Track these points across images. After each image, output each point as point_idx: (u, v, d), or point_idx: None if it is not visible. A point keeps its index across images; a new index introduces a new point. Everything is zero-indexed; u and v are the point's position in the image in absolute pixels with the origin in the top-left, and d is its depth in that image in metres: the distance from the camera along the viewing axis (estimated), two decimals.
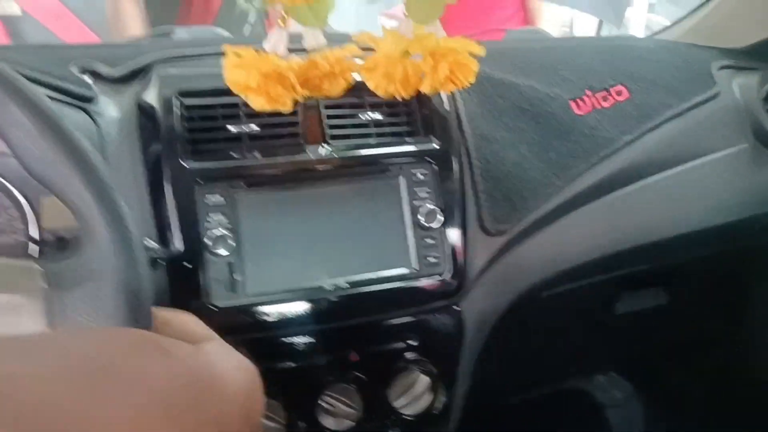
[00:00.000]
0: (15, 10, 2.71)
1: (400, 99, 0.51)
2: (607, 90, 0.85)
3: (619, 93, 0.86)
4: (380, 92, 0.50)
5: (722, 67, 0.96)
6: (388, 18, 2.71)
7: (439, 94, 0.71)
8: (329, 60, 0.48)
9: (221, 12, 1.69)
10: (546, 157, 0.79)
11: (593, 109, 0.83)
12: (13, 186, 0.67)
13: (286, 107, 0.49)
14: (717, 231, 0.88)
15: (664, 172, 0.85)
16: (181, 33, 1.00)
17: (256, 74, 0.46)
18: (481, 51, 0.50)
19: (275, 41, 0.49)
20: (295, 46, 0.53)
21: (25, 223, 0.69)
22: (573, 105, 0.82)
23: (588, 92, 0.84)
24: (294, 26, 0.48)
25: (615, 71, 0.87)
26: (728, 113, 0.92)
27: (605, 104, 0.84)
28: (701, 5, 1.07)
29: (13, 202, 0.68)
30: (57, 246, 0.69)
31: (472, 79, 0.51)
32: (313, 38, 0.50)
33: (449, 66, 0.48)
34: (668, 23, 1.14)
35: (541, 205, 0.77)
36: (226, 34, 0.98)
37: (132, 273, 0.44)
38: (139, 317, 0.44)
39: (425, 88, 0.50)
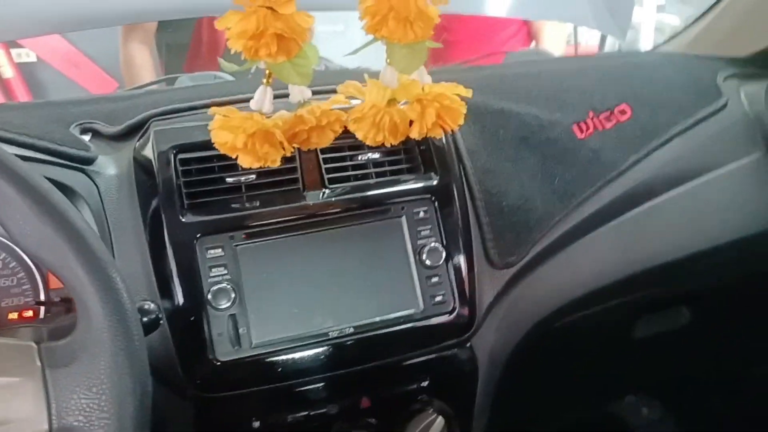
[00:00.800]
0: (31, 57, 2.78)
1: (389, 146, 0.50)
2: (610, 110, 0.84)
3: (622, 112, 0.84)
4: (369, 142, 0.50)
5: (728, 77, 0.94)
6: None
7: None
8: (315, 114, 0.48)
9: (227, 51, 1.73)
10: (550, 186, 0.77)
11: (595, 131, 0.82)
12: (23, 252, 0.68)
13: (275, 164, 0.49)
14: (732, 246, 0.86)
15: (674, 190, 0.84)
16: (184, 80, 1.01)
17: (243, 135, 0.46)
18: (467, 93, 0.50)
19: (260, 99, 0.49)
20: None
21: (34, 285, 0.70)
22: (575, 129, 0.81)
23: (591, 114, 0.83)
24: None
25: (618, 91, 0.86)
26: (737, 124, 0.90)
27: (608, 125, 0.83)
28: (705, 13, 1.05)
29: (22, 266, 0.69)
30: (62, 306, 0.70)
31: (461, 122, 0.50)
32: (298, 93, 0.50)
33: (436, 111, 0.48)
34: (679, 22, 1.13)
35: (547, 235, 0.75)
36: (228, 77, 0.99)
37: (127, 347, 0.44)
38: (136, 388, 0.44)
39: (414, 134, 0.50)
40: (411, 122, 0.50)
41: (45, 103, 0.80)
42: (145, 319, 0.52)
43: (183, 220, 0.63)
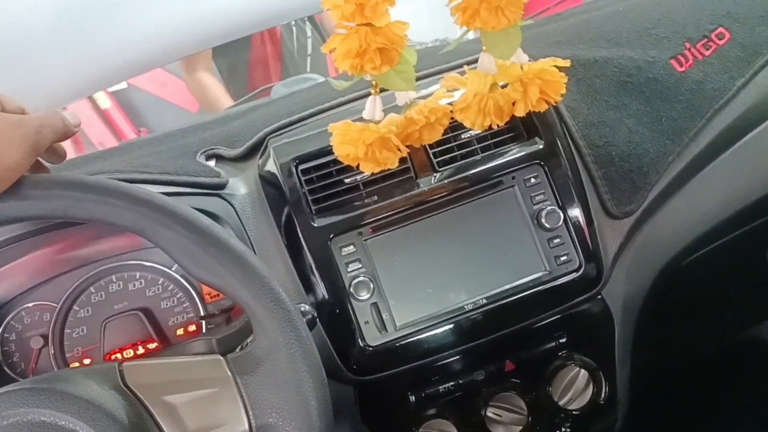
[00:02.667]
0: (122, 84, 2.98)
1: (489, 132, 0.53)
2: (707, 37, 0.81)
3: (720, 36, 0.81)
4: (477, 128, 0.52)
5: None
6: None
7: None
8: (424, 113, 0.51)
9: (283, 74, 1.81)
10: (658, 126, 0.76)
11: (695, 61, 0.79)
12: (178, 274, 0.77)
13: (394, 165, 0.53)
14: None
15: None
16: (279, 88, 1.07)
17: (362, 145, 0.50)
18: (566, 63, 0.51)
19: (371, 109, 0.53)
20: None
21: (192, 303, 0.78)
22: (674, 63, 0.79)
23: (687, 45, 0.80)
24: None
25: (711, 14, 0.82)
26: None
27: (707, 53, 0.80)
28: None
29: (179, 287, 0.78)
30: (222, 317, 0.78)
31: (563, 92, 0.52)
32: (404, 96, 0.53)
33: (538, 88, 0.49)
34: None
35: (663, 176, 0.74)
36: (318, 78, 1.03)
37: (300, 349, 0.50)
38: (315, 383, 0.50)
39: (519, 113, 0.52)
40: (514, 102, 0.52)
41: (163, 137, 0.87)
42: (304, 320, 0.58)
43: (315, 224, 0.69)
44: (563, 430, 0.75)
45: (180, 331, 0.78)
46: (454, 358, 0.72)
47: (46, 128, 0.50)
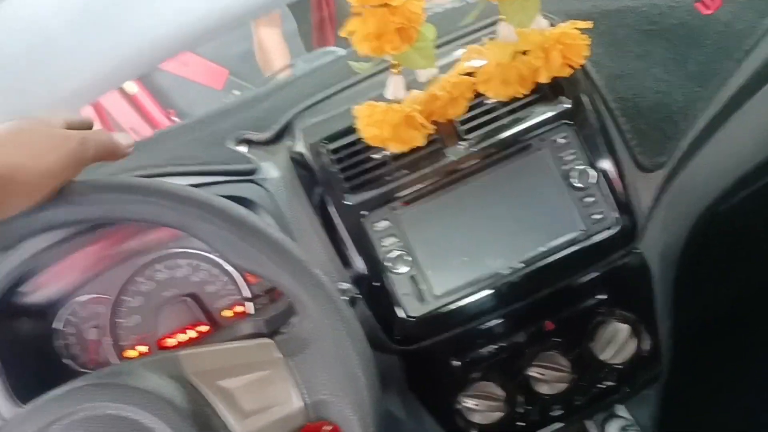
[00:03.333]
0: None
1: (520, 96, 0.53)
2: None
3: None
4: (501, 98, 0.52)
5: None
6: None
7: None
8: (446, 88, 0.51)
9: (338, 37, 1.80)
10: (686, 72, 0.74)
11: (722, 1, 0.77)
12: (221, 259, 0.79)
13: (421, 143, 0.53)
14: None
15: None
16: (300, 64, 1.07)
17: (388, 126, 0.51)
18: (587, 25, 0.50)
19: (394, 89, 0.53)
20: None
21: (236, 286, 0.81)
22: (699, 6, 0.76)
23: None
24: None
25: None
26: None
27: None
28: None
29: (222, 272, 0.81)
30: (267, 297, 0.81)
31: (586, 53, 0.51)
32: (425, 73, 0.53)
33: (560, 53, 0.49)
34: None
35: (694, 124, 0.73)
36: (341, 51, 1.03)
37: (344, 328, 0.52)
38: (361, 359, 0.52)
39: (542, 79, 0.51)
40: (536, 69, 0.51)
41: (194, 124, 0.88)
42: (346, 297, 0.60)
43: (347, 202, 0.70)
44: (608, 383, 0.77)
45: (228, 313, 0.81)
46: (495, 322, 0.73)
47: (89, 142, 0.52)
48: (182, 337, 0.79)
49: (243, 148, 0.80)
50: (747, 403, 1.11)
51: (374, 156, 0.72)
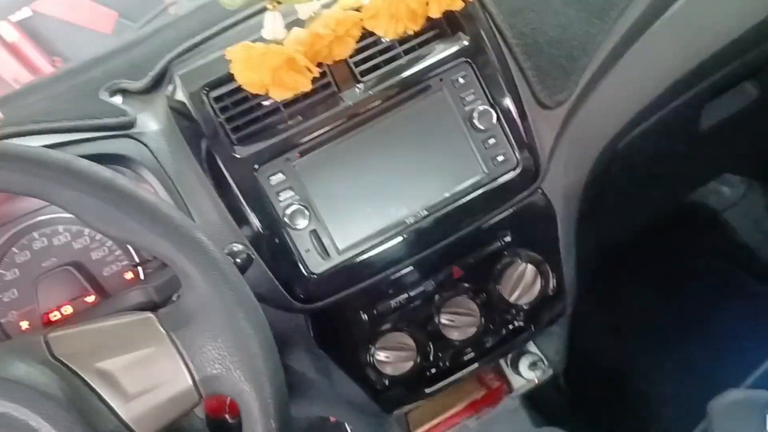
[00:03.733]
0: (26, 12, 2.73)
1: (411, 33, 0.48)
2: None
3: None
4: (390, 36, 0.48)
5: None
6: None
7: None
8: (331, 26, 0.47)
9: None
10: (584, 5, 0.73)
11: None
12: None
13: (306, 88, 0.48)
14: None
15: None
16: (185, 3, 0.98)
17: (267, 70, 0.46)
18: None
19: (272, 28, 0.48)
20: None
21: (125, 250, 0.75)
22: None
23: None
24: None
25: None
26: None
27: None
28: None
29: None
30: (158, 261, 0.75)
31: None
32: (307, 9, 0.48)
33: None
34: None
35: (593, 59, 0.72)
36: None
37: (233, 296, 0.48)
38: (255, 327, 0.48)
39: (434, 14, 0.47)
40: (427, 2, 0.47)
41: (64, 74, 0.79)
42: (238, 260, 0.55)
43: (237, 155, 0.65)
44: (516, 323, 0.77)
45: (116, 280, 0.75)
46: (402, 272, 0.71)
47: None
48: (68, 310, 0.73)
49: (117, 99, 0.72)
50: (643, 328, 1.17)
51: (264, 103, 0.66)
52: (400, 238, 0.68)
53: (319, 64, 0.64)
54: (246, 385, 0.47)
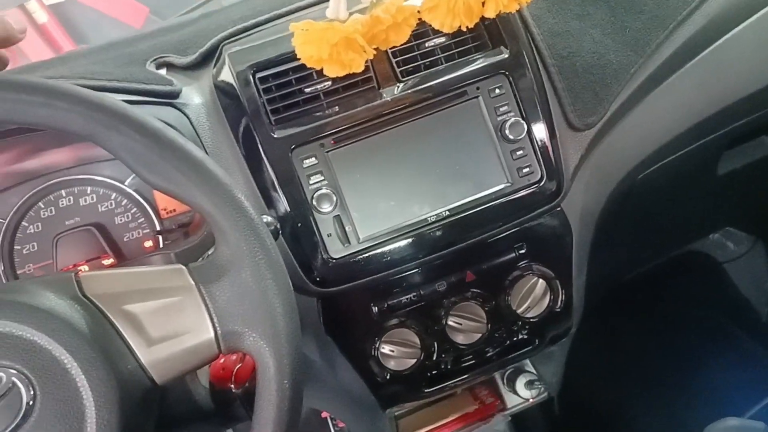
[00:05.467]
0: None
1: (465, 29, 0.51)
2: None
3: None
4: (446, 29, 0.50)
5: None
6: None
7: None
8: (391, 12, 0.49)
9: None
10: (621, 37, 0.75)
11: None
12: (131, 189, 0.74)
13: (359, 69, 0.51)
14: None
15: (749, 20, 0.80)
16: None
17: (326, 45, 0.48)
18: None
19: (335, 7, 0.50)
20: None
21: (147, 218, 0.76)
22: None
23: None
24: None
25: None
26: None
27: None
28: None
29: (133, 202, 0.75)
30: (180, 232, 0.76)
31: None
32: None
33: None
34: None
35: (625, 88, 0.74)
36: None
37: (264, 256, 0.49)
38: (280, 290, 0.49)
39: (490, 13, 0.50)
40: (483, 2, 0.50)
41: (109, 45, 0.82)
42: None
43: (275, 135, 0.67)
44: (521, 336, 0.78)
45: (136, 247, 0.77)
46: (417, 269, 0.73)
47: None
48: (84, 270, 0.74)
49: (162, 71, 0.74)
50: (635, 366, 1.18)
51: (306, 90, 0.69)
52: (419, 236, 0.70)
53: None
54: (265, 343, 0.48)
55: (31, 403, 0.43)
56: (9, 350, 0.44)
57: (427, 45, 0.70)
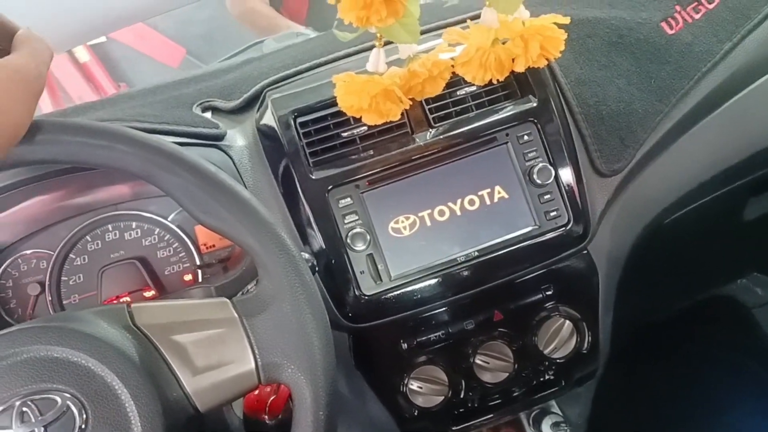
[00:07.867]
0: (101, 38, 2.90)
1: (495, 82, 0.54)
2: (697, 0, 0.82)
3: (709, 0, 0.83)
4: (478, 82, 0.54)
5: None
6: None
7: None
8: (427, 66, 0.52)
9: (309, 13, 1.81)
10: (647, 86, 0.78)
11: (684, 24, 0.81)
12: (174, 224, 0.78)
13: (396, 118, 0.54)
14: None
15: None
16: (270, 43, 1.07)
17: (366, 96, 0.51)
18: (565, 20, 0.52)
19: (375, 61, 0.54)
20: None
21: (188, 253, 0.80)
22: (664, 26, 0.80)
23: (677, 7, 0.82)
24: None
25: None
26: None
27: (697, 16, 0.81)
28: None
29: (175, 237, 0.79)
30: (219, 266, 0.80)
31: (562, 48, 0.53)
32: (407, 49, 0.54)
33: (539, 44, 0.51)
34: None
35: (651, 135, 0.77)
36: (309, 33, 1.03)
37: (304, 292, 0.52)
38: (318, 324, 0.52)
39: (519, 68, 0.53)
40: (514, 58, 0.53)
41: (156, 89, 0.87)
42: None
43: (313, 176, 0.70)
44: (547, 376, 0.79)
45: (176, 280, 0.80)
46: (446, 308, 0.75)
47: (42, 67, 0.48)
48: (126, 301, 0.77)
49: (208, 115, 0.79)
50: (659, 408, 1.17)
51: (344, 134, 0.72)
52: (448, 275, 0.72)
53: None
54: (302, 375, 0.50)
55: (83, 426, 0.46)
56: (64, 375, 0.47)
57: (458, 93, 0.74)
